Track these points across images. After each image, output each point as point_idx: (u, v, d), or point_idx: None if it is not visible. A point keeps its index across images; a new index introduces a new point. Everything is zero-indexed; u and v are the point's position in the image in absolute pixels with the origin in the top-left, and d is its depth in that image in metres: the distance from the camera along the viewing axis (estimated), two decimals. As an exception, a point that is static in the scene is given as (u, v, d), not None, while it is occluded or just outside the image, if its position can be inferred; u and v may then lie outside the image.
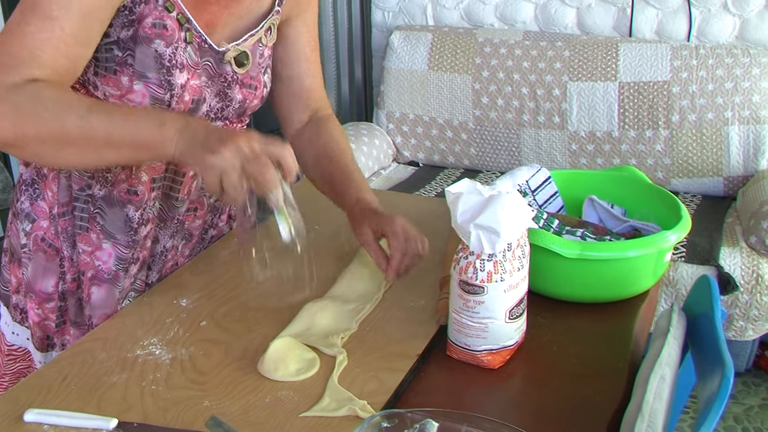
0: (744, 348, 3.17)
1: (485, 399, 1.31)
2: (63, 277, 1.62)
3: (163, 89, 1.44)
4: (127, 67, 1.41)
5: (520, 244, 1.32)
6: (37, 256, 1.61)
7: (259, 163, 1.24)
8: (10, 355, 1.75)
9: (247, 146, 1.24)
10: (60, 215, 1.57)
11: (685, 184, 3.67)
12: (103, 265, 1.60)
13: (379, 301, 1.54)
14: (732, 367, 1.16)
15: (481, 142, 3.93)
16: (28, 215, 1.60)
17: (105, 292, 1.61)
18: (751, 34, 3.69)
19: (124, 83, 1.42)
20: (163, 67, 1.43)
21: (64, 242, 1.59)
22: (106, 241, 1.58)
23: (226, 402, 1.25)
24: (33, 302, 1.64)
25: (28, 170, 1.60)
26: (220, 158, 1.22)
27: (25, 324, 1.70)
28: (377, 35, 4.37)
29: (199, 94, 1.51)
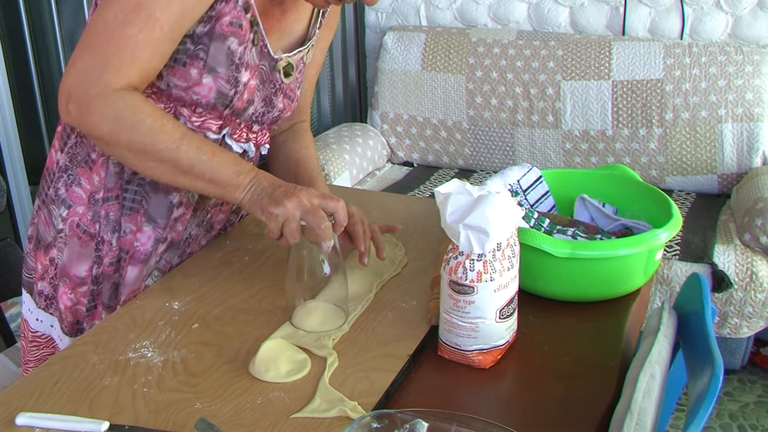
0: (739, 345, 3.17)
1: (476, 399, 1.31)
2: (99, 261, 1.67)
3: (229, 85, 1.54)
4: (198, 60, 1.50)
5: (510, 243, 1.32)
6: (72, 241, 1.66)
7: (317, 217, 1.41)
8: (34, 341, 1.79)
9: (307, 200, 1.43)
10: (104, 200, 1.63)
11: (679, 182, 3.68)
12: (141, 246, 1.66)
13: (371, 302, 1.55)
14: (722, 365, 1.16)
15: (476, 141, 3.94)
16: (64, 201, 1.65)
17: (138, 271, 1.68)
18: (744, 32, 3.70)
19: (192, 76, 1.51)
20: (233, 64, 1.53)
21: (105, 227, 1.64)
22: (147, 225, 1.66)
23: (218, 404, 1.25)
24: (66, 287, 1.69)
25: (63, 155, 1.65)
26: (284, 209, 1.42)
27: (49, 311, 1.74)
28: (371, 36, 4.38)
29: (252, 95, 1.61)
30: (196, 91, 1.52)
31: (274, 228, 1.43)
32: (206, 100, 1.54)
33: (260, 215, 1.45)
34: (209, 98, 1.54)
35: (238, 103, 1.58)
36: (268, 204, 1.43)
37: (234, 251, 1.76)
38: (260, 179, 1.48)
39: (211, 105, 1.55)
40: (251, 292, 1.59)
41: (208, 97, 1.53)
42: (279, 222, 1.42)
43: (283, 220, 1.42)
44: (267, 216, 1.44)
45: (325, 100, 4.44)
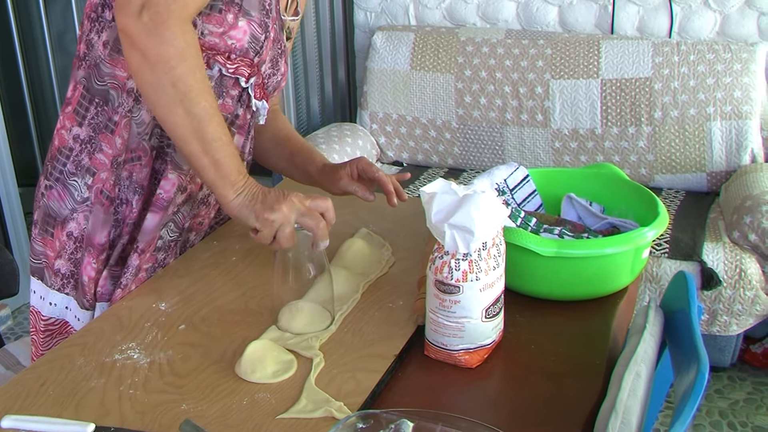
0: (729, 343, 3.17)
1: (463, 398, 1.31)
2: (117, 225, 1.68)
3: (261, 29, 1.58)
4: (234, 5, 1.53)
5: (496, 243, 1.32)
6: (96, 209, 1.67)
7: (314, 218, 1.46)
8: (47, 330, 1.79)
9: (299, 203, 1.46)
10: (127, 161, 1.64)
11: (668, 180, 3.68)
12: (164, 194, 1.67)
13: (357, 302, 1.55)
14: (707, 362, 1.17)
15: (465, 141, 3.94)
16: (89, 169, 1.66)
17: (157, 219, 1.68)
18: (732, 30, 3.71)
19: (229, 20, 1.53)
20: (264, 9, 1.57)
21: (128, 188, 1.66)
22: (173, 172, 1.66)
23: (204, 405, 1.25)
24: (91, 256, 1.69)
25: (84, 129, 1.65)
26: (279, 214, 1.44)
27: (65, 290, 1.75)
28: (360, 36, 4.38)
29: (270, 49, 1.64)
30: (231, 35, 1.54)
31: (269, 234, 1.45)
32: (240, 45, 1.56)
33: (254, 222, 1.46)
34: (243, 42, 1.56)
35: (265, 51, 1.61)
36: (262, 210, 1.45)
37: (221, 252, 1.76)
38: (251, 185, 1.49)
39: (244, 50, 1.57)
40: (238, 293, 1.59)
41: (243, 41, 1.56)
42: (275, 227, 1.44)
43: (279, 225, 1.44)
44: (262, 222, 1.45)
45: (314, 100, 4.43)
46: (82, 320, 1.74)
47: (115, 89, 1.61)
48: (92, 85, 1.63)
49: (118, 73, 1.60)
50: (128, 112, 1.61)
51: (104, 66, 1.60)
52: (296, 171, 1.91)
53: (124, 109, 1.61)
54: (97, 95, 1.63)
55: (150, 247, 1.69)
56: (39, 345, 1.82)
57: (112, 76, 1.60)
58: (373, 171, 1.78)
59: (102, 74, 1.61)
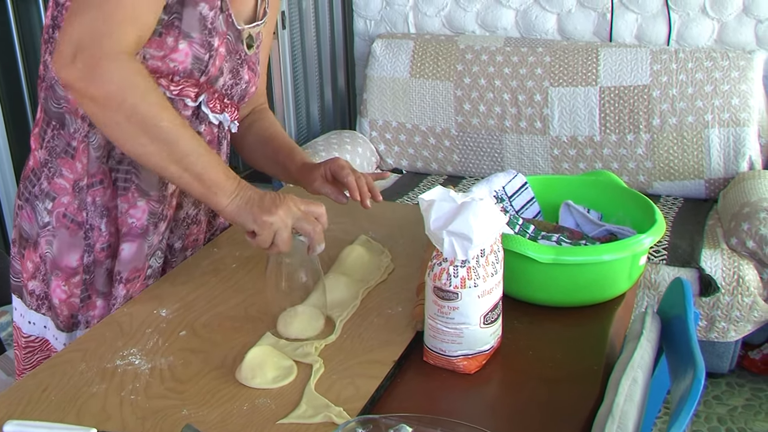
0: (727, 349, 3.18)
1: (461, 404, 1.32)
2: (89, 249, 1.68)
3: (204, 49, 1.57)
4: (174, 28, 1.52)
5: (494, 249, 1.33)
6: (60, 232, 1.67)
7: (311, 222, 1.47)
8: (28, 347, 1.80)
9: (296, 207, 1.47)
10: (89, 186, 1.64)
11: (666, 187, 3.69)
12: (136, 221, 1.67)
13: (357, 309, 1.56)
14: (703, 368, 1.17)
15: (464, 148, 3.95)
16: (48, 194, 1.66)
17: (136, 247, 1.68)
18: (730, 38, 3.72)
19: (169, 44, 1.52)
20: (206, 29, 1.56)
21: (93, 213, 1.65)
22: (140, 199, 1.66)
23: (205, 410, 1.26)
24: (59, 279, 1.69)
25: (42, 151, 1.66)
26: (276, 218, 1.44)
27: (42, 311, 1.75)
28: (359, 43, 4.39)
29: (222, 63, 1.63)
30: (173, 58, 1.53)
31: (267, 237, 1.45)
32: (183, 66, 1.55)
33: (251, 225, 1.46)
34: (186, 64, 1.55)
35: (212, 68, 1.60)
36: (259, 213, 1.45)
37: (221, 259, 1.77)
38: (245, 187, 1.49)
39: (188, 72, 1.56)
40: (238, 299, 1.60)
41: (185, 62, 1.55)
42: (272, 231, 1.44)
43: (276, 229, 1.44)
44: (260, 225, 1.44)
45: (314, 108, 4.45)
46: (59, 340, 1.75)
47: (69, 113, 1.61)
48: (50, 107, 1.63)
49: (70, 98, 1.59)
50: (85, 137, 1.62)
51: (58, 88, 1.60)
52: (278, 168, 1.90)
53: (80, 134, 1.62)
54: (54, 118, 1.63)
55: (140, 276, 1.70)
56: (20, 360, 1.82)
57: (66, 100, 1.60)
58: (343, 175, 1.74)
59: (57, 97, 1.61)
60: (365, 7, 4.29)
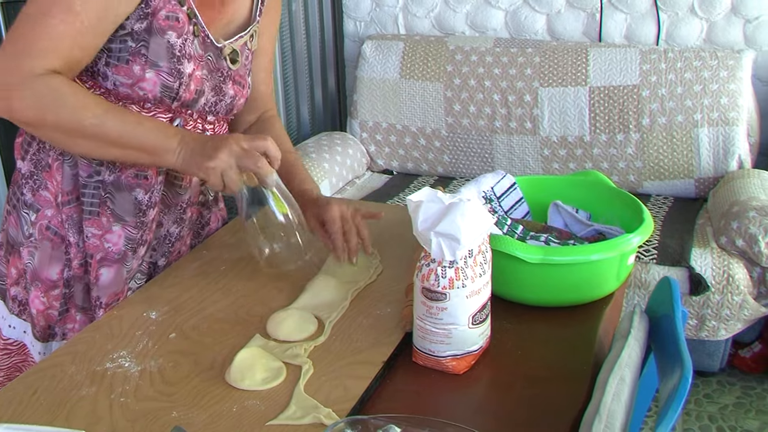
0: (717, 348, 3.19)
1: (450, 404, 1.32)
2: (69, 264, 1.70)
3: (173, 77, 1.58)
4: (140, 56, 1.54)
5: (482, 250, 1.34)
6: (43, 244, 1.69)
7: (252, 157, 1.49)
8: (5, 349, 1.80)
9: (237, 146, 1.49)
10: (65, 203, 1.66)
11: (656, 187, 3.70)
12: (113, 246, 1.68)
13: (346, 310, 1.56)
14: (691, 367, 1.18)
15: (454, 149, 3.96)
16: (32, 205, 1.68)
17: (114, 272, 1.70)
18: (719, 37, 3.73)
19: (136, 72, 1.55)
20: (174, 57, 1.57)
21: (70, 229, 1.67)
22: (116, 224, 1.67)
23: (194, 412, 1.26)
24: (38, 290, 1.71)
25: (26, 163, 1.68)
26: (218, 161, 1.48)
27: (23, 316, 1.76)
28: (349, 45, 4.39)
29: (201, 85, 1.64)
30: (141, 86, 1.56)
31: (216, 181, 1.50)
32: (152, 95, 1.58)
33: (198, 173, 1.51)
34: (155, 92, 1.57)
35: (186, 94, 1.62)
36: (201, 161, 1.49)
37: (211, 261, 1.77)
38: (187, 140, 1.52)
39: (158, 99, 1.59)
40: (227, 301, 1.60)
41: (154, 91, 1.57)
42: (218, 174, 1.49)
43: (221, 171, 1.49)
44: (205, 172, 1.49)
45: (304, 109, 4.45)
46: (35, 348, 1.76)
47: None
48: None
49: None
50: (59, 155, 1.64)
51: None
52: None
53: (55, 152, 1.65)
54: None
55: (119, 299, 1.72)
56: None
57: None
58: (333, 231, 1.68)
59: None
60: (355, 8, 4.30)
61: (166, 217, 1.77)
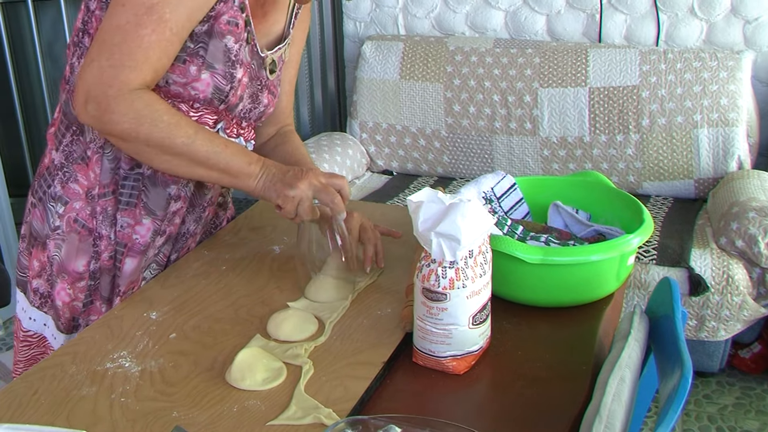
0: (717, 348, 3.19)
1: (450, 404, 1.32)
2: (96, 256, 1.72)
3: (226, 80, 1.61)
4: (198, 57, 1.57)
5: (482, 250, 1.34)
6: (70, 237, 1.71)
7: (329, 193, 1.57)
8: (25, 341, 1.83)
9: (316, 180, 1.58)
10: (100, 195, 1.68)
11: (656, 187, 3.70)
12: (140, 238, 1.72)
13: (347, 310, 1.56)
14: (691, 367, 1.18)
15: (454, 149, 3.96)
16: (60, 198, 1.70)
17: (136, 263, 1.74)
18: (718, 38, 3.73)
19: (192, 72, 1.58)
20: (229, 61, 1.60)
21: (103, 222, 1.70)
22: (146, 217, 1.72)
23: (194, 412, 1.26)
24: (65, 282, 1.73)
25: (59, 154, 1.70)
26: (298, 191, 1.56)
27: (44, 309, 1.78)
28: (349, 45, 4.39)
29: (243, 92, 1.68)
30: (194, 86, 1.59)
31: (291, 209, 1.57)
32: (204, 96, 1.61)
33: (276, 199, 1.58)
34: (207, 93, 1.60)
35: (233, 98, 1.65)
36: (282, 188, 1.57)
37: (211, 261, 1.77)
38: (269, 167, 1.60)
39: (207, 100, 1.61)
40: (228, 301, 1.60)
41: (206, 92, 1.60)
42: (294, 203, 1.56)
43: (298, 200, 1.56)
44: (283, 199, 1.57)
45: (304, 110, 4.45)
46: (58, 340, 1.78)
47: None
48: (70, 111, 1.66)
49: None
50: (100, 148, 1.66)
51: None
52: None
53: (95, 144, 1.66)
54: (74, 123, 1.67)
55: (132, 289, 1.75)
56: (17, 352, 1.86)
57: None
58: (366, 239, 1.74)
59: None
60: (355, 9, 4.30)
61: (189, 216, 1.81)
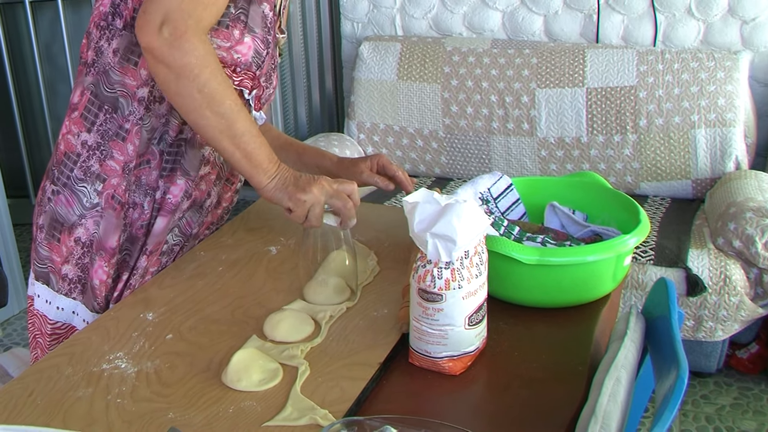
0: (714, 348, 3.19)
1: (446, 405, 1.32)
2: (126, 228, 1.74)
3: (263, 45, 1.68)
4: (240, 22, 1.63)
5: (478, 251, 1.34)
6: (107, 213, 1.73)
7: (342, 199, 1.61)
8: (53, 334, 1.84)
9: (328, 186, 1.61)
10: (137, 166, 1.70)
11: (654, 188, 3.70)
12: (173, 198, 1.75)
13: (342, 312, 1.56)
14: (686, 367, 1.18)
15: (452, 150, 3.96)
16: (99, 176, 1.72)
17: (165, 222, 1.76)
18: (716, 38, 3.74)
19: (235, 36, 1.63)
20: (266, 27, 1.67)
21: (137, 191, 1.72)
22: (181, 178, 1.75)
23: (191, 413, 1.26)
24: (102, 260, 1.75)
25: (93, 135, 1.71)
26: (311, 195, 1.59)
27: (72, 295, 1.80)
28: (347, 46, 4.40)
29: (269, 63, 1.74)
30: (237, 50, 1.64)
31: (302, 213, 1.60)
32: (245, 59, 1.66)
33: (287, 202, 1.60)
34: (248, 57, 1.66)
35: (266, 65, 1.71)
36: (294, 191, 1.59)
37: (208, 262, 1.77)
38: (284, 170, 1.63)
39: (248, 64, 1.66)
40: (224, 302, 1.60)
41: (247, 55, 1.66)
42: (306, 207, 1.59)
43: (310, 205, 1.59)
44: (295, 202, 1.59)
45: (301, 111, 4.45)
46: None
47: (124, 97, 1.67)
48: (101, 92, 1.68)
49: (127, 82, 1.66)
50: (139, 120, 1.68)
51: (114, 74, 1.66)
52: (306, 168, 1.97)
53: (135, 117, 1.68)
54: (106, 102, 1.68)
55: (157, 249, 1.77)
56: (45, 348, 1.85)
57: (122, 84, 1.67)
58: (393, 169, 1.90)
59: (111, 82, 1.67)
60: (352, 9, 4.30)
61: (216, 184, 1.84)
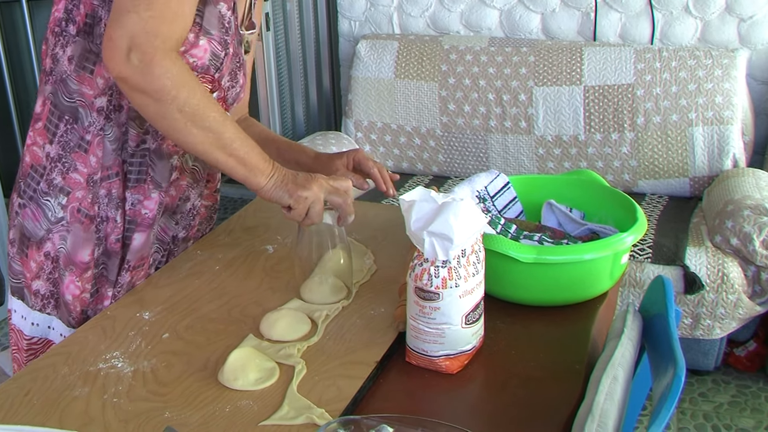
0: (712, 346, 3.19)
1: (443, 404, 1.32)
2: (100, 242, 1.70)
3: (221, 47, 1.63)
4: (195, 25, 1.57)
5: (475, 249, 1.34)
6: (74, 227, 1.69)
7: (342, 195, 1.61)
8: (30, 349, 1.80)
9: (326, 183, 1.61)
10: (104, 179, 1.67)
11: (651, 186, 3.70)
12: (149, 212, 1.72)
13: (339, 310, 1.56)
14: (684, 365, 1.18)
15: (449, 148, 3.95)
16: (63, 189, 1.68)
17: (145, 237, 1.73)
18: (713, 36, 3.73)
19: (190, 39, 1.58)
20: (223, 27, 1.62)
21: (108, 205, 1.68)
22: (154, 191, 1.71)
23: (187, 412, 1.26)
24: (73, 275, 1.71)
25: (54, 146, 1.67)
26: (311, 192, 1.58)
27: (46, 311, 1.76)
28: (344, 44, 4.39)
29: (230, 64, 1.70)
30: (192, 53, 1.59)
31: (302, 210, 1.59)
32: (201, 62, 1.61)
33: (287, 200, 1.58)
34: (204, 60, 1.61)
35: (224, 67, 1.67)
36: (294, 189, 1.58)
37: (204, 261, 1.77)
38: (279, 168, 1.61)
39: (205, 67, 1.62)
40: (221, 301, 1.60)
41: (204, 58, 1.61)
42: (307, 204, 1.58)
43: (311, 202, 1.58)
44: (296, 199, 1.58)
45: (299, 109, 4.45)
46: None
47: (83, 107, 1.63)
48: (60, 102, 1.64)
49: (85, 91, 1.62)
50: (100, 131, 1.64)
51: (71, 82, 1.62)
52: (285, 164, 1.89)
53: (95, 128, 1.64)
54: (66, 112, 1.64)
55: (142, 264, 1.74)
56: (22, 363, 1.82)
57: (80, 94, 1.62)
58: (369, 167, 1.87)
59: (70, 91, 1.63)
60: (349, 8, 4.29)
61: (193, 191, 1.83)
